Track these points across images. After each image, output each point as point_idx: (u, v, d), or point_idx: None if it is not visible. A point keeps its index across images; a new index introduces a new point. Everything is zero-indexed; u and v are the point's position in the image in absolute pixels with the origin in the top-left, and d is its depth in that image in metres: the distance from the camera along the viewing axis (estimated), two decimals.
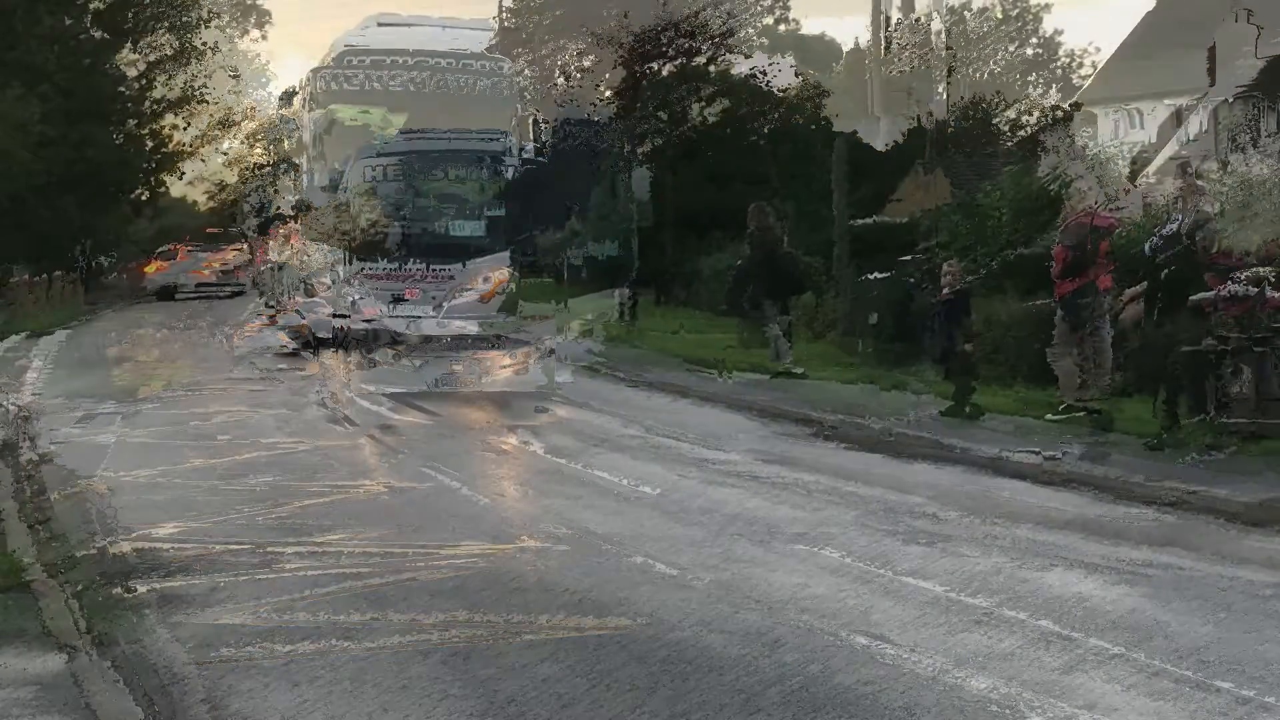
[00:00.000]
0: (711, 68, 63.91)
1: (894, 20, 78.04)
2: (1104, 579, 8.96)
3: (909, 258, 22.36)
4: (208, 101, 71.58)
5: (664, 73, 62.68)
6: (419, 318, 25.14)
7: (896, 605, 8.29)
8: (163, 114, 71.05)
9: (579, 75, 74.41)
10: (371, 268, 25.06)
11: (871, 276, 22.45)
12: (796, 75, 52.30)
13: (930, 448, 14.17)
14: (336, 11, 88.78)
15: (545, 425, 16.02)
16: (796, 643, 7.52)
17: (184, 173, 75.07)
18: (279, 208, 29.09)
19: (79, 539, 10.23)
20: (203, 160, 75.07)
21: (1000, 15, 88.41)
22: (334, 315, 25.42)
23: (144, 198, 73.32)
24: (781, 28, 62.13)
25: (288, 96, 30.38)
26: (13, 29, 53.22)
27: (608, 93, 71.54)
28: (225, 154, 78.71)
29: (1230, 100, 52.39)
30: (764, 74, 49.32)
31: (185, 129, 71.14)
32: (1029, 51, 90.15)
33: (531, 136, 25.60)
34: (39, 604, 8.03)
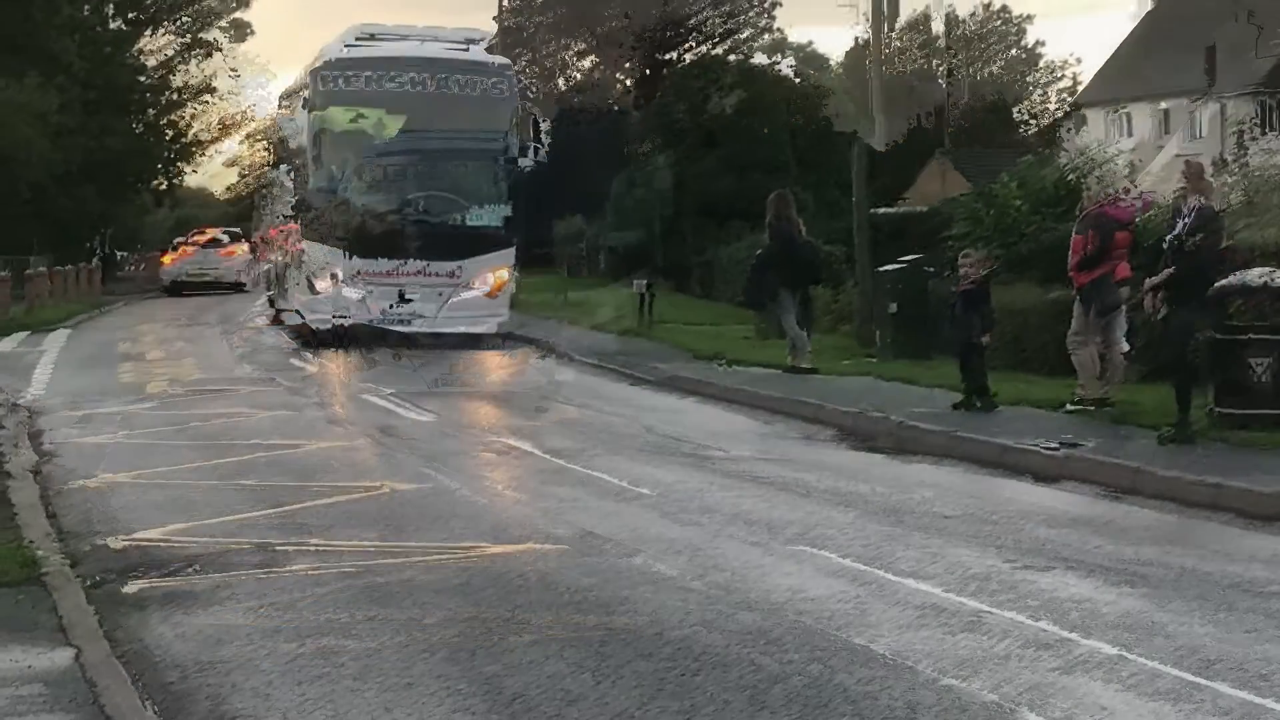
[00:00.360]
0: (732, 57, 64.32)
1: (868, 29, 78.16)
2: (1105, 578, 8.99)
3: (911, 258, 22.37)
4: (210, 101, 71.92)
5: (686, 60, 63.10)
6: (422, 316, 25.18)
7: (896, 605, 8.32)
8: (182, 104, 71.50)
9: (579, 76, 74.35)
10: (373, 266, 25.10)
11: (887, 268, 22.44)
12: (795, 76, 52.49)
13: (938, 442, 14.24)
14: (325, 19, 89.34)
15: (546, 425, 16.05)
16: (797, 642, 7.55)
17: (186, 173, 75.36)
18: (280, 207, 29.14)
19: (80, 538, 10.26)
20: (206, 158, 75.58)
21: (986, 26, 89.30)
22: (335, 315, 25.46)
23: (162, 188, 73.74)
24: (766, 37, 62.49)
25: (287, 97, 30.42)
26: (31, 17, 53.28)
27: (628, 82, 72.14)
28: (221, 153, 79.09)
29: (1228, 99, 52.50)
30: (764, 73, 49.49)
31: (190, 122, 71.50)
32: (989, 74, 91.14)
33: (532, 136, 25.59)
34: (52, 599, 8.04)
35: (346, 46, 26.74)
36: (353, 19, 44.73)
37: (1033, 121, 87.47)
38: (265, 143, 59.72)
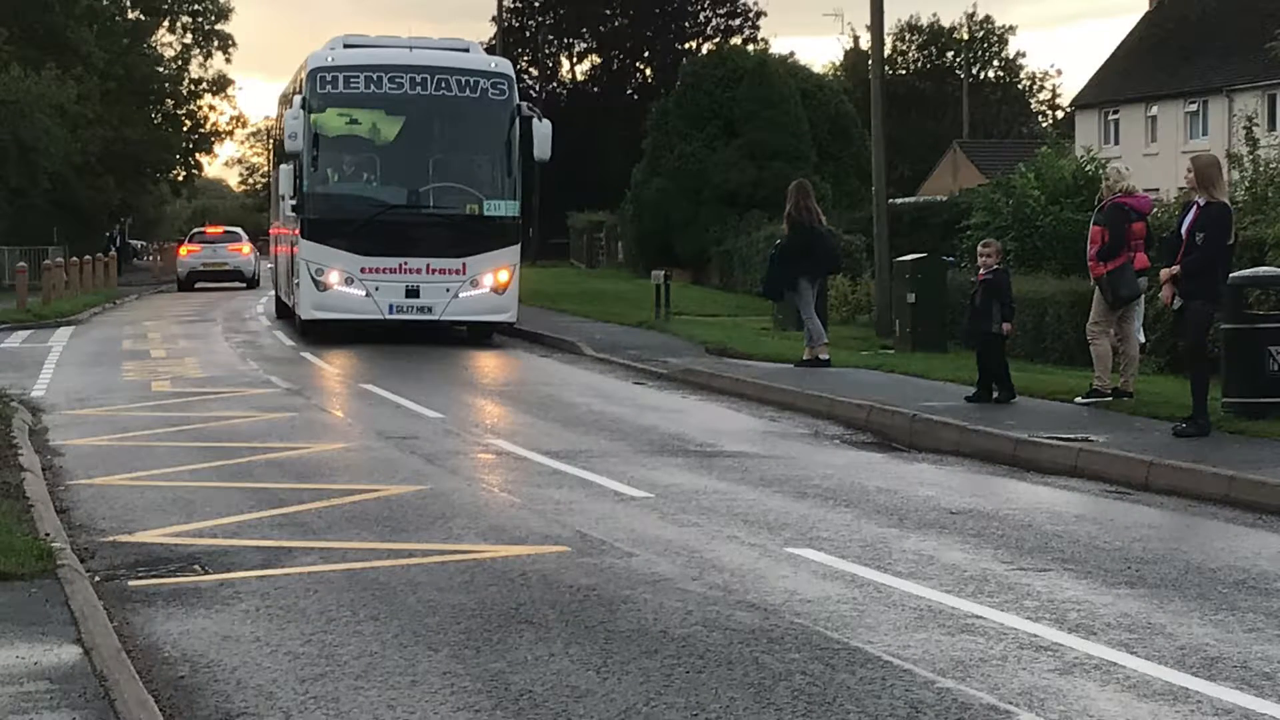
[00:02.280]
0: (750, 47, 64.37)
1: (860, 40, 78.48)
2: (1107, 577, 9.02)
3: (912, 258, 22.43)
4: (228, 95, 72.40)
5: (703, 50, 63.40)
6: (430, 311, 25.25)
7: (894, 607, 8.36)
8: (199, 95, 71.88)
9: (582, 75, 74.27)
10: (378, 263, 25.15)
11: (905, 259, 22.51)
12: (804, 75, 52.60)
13: (951, 436, 14.29)
14: (301, 33, 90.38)
15: (547, 425, 16.08)
16: (798, 642, 7.59)
17: (195, 175, 75.67)
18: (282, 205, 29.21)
19: (86, 535, 10.30)
20: (213, 156, 76.25)
21: (966, 35, 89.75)
22: (338, 312, 25.52)
23: (180, 178, 73.94)
24: (751, 48, 62.65)
25: (287, 99, 30.47)
26: (50, 7, 53.39)
27: (648, 71, 72.32)
28: (237, 144, 79.75)
29: (1236, 93, 52.51)
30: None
31: (208, 113, 71.89)
32: (991, 74, 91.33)
33: (533, 136, 25.58)
34: (64, 593, 8.06)
35: (346, 48, 26.79)
36: (320, 38, 44.85)
37: (1036, 118, 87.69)
38: (266, 142, 59.82)
